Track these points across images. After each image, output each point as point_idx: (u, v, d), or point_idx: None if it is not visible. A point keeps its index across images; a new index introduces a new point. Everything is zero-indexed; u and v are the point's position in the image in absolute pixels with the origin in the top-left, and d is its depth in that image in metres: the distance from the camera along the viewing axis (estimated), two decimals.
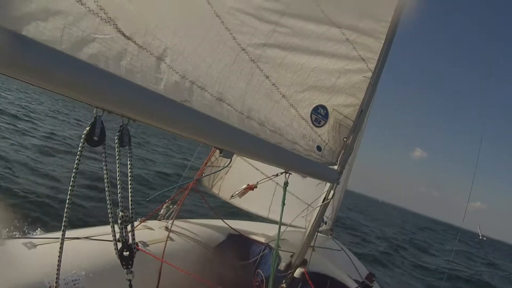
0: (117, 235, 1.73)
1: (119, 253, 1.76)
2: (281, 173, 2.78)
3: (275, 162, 2.55)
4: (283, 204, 2.82)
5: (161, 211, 3.94)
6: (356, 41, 2.96)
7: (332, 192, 3.29)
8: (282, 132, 2.61)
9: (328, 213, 5.96)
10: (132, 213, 1.76)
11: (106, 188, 1.69)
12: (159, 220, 3.89)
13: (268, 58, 2.48)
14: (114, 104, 1.53)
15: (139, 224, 3.50)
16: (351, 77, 2.97)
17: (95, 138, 1.51)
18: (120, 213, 1.71)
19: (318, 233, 5.74)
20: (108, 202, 1.72)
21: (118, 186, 1.69)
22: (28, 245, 2.61)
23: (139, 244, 2.95)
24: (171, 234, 3.60)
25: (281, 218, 2.85)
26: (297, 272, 3.52)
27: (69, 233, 2.87)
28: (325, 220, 5.92)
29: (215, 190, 4.90)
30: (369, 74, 3.05)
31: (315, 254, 3.78)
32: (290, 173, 2.75)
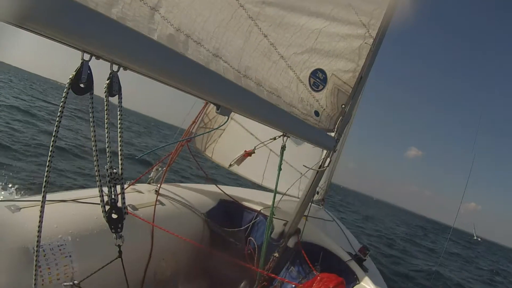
0: (105, 197, 1.62)
1: (107, 215, 1.65)
2: (279, 136, 2.71)
3: (273, 123, 2.46)
4: (280, 169, 2.76)
5: (151, 174, 3.84)
6: (359, 6, 2.87)
7: (328, 160, 3.22)
8: (280, 93, 2.55)
9: (321, 183, 5.93)
10: (121, 171, 1.64)
11: (93, 144, 1.57)
12: (149, 183, 3.80)
13: (267, 17, 2.39)
14: (104, 48, 1.41)
15: (127, 187, 3.39)
16: (352, 42, 2.88)
17: (82, 85, 1.39)
18: (108, 170, 1.59)
19: (312, 203, 5.75)
20: (95, 159, 1.58)
21: (107, 141, 1.57)
22: (12, 208, 2.48)
23: (128, 207, 2.89)
24: (161, 198, 3.50)
25: (277, 184, 2.80)
26: (290, 241, 3.48)
27: (55, 196, 2.76)
28: (317, 190, 5.90)
29: (208, 153, 4.80)
30: (370, 41, 2.97)
31: (308, 223, 3.74)
32: (288, 137, 2.68)
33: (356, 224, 23.81)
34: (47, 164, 1.48)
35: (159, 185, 3.61)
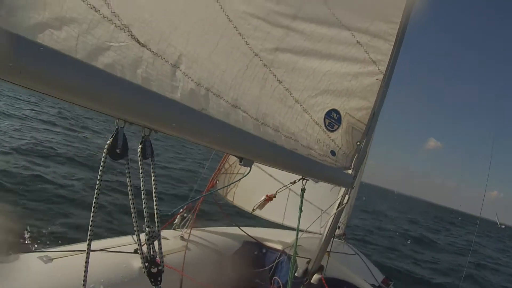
0: (144, 251, 1.69)
1: (147, 270, 1.70)
2: (299, 180, 2.73)
3: (292, 168, 2.51)
4: (301, 210, 2.77)
5: (176, 221, 3.86)
6: (367, 43, 2.94)
7: (347, 197, 3.24)
8: (297, 137, 2.58)
9: (341, 217, 5.92)
10: (158, 227, 1.71)
11: (131, 202, 1.64)
12: (174, 229, 3.82)
13: (281, 63, 2.44)
14: (136, 115, 1.49)
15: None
16: (363, 80, 2.94)
17: (118, 150, 1.47)
18: (147, 229, 1.65)
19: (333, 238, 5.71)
20: (133, 216, 1.67)
21: (143, 201, 1.63)
22: (44, 258, 2.54)
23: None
24: (187, 244, 3.51)
25: (298, 225, 2.81)
26: (314, 278, 3.50)
27: (84, 246, 2.81)
28: (338, 225, 5.88)
29: (229, 198, 4.84)
30: (381, 77, 3.03)
31: (331, 259, 3.74)
32: (307, 179, 2.70)
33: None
34: (91, 218, 1.58)
35: (185, 231, 3.66)
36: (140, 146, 1.60)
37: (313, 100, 2.67)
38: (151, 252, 1.68)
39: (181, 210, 3.87)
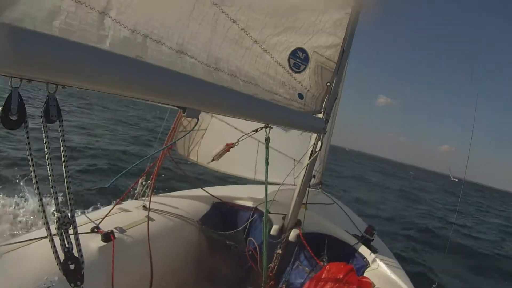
0: (58, 245, 1.42)
1: (63, 267, 1.43)
2: (261, 128, 2.57)
3: (252, 116, 2.30)
4: (267, 163, 2.64)
5: (136, 189, 3.64)
6: None
7: (319, 143, 3.11)
8: (258, 81, 2.42)
9: (316, 165, 5.83)
10: (72, 210, 1.44)
11: (35, 184, 1.36)
12: (136, 199, 3.60)
13: (233, 0, 2.24)
14: (33, 68, 1.20)
15: (113, 208, 3.14)
16: (332, 14, 2.73)
17: (13, 117, 1.21)
18: (56, 214, 1.39)
19: (310, 188, 5.67)
20: (39, 202, 1.36)
21: (50, 179, 1.39)
22: None
23: (114, 231, 2.73)
24: (151, 213, 3.28)
25: (266, 178, 2.69)
26: (292, 235, 3.40)
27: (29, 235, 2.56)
28: (313, 174, 5.80)
29: (192, 157, 4.65)
30: (349, 10, 2.81)
31: (308, 212, 3.65)
32: (270, 127, 2.53)
33: None
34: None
35: (147, 200, 3.42)
36: (43, 107, 1.33)
37: (275, 39, 2.48)
38: (66, 244, 1.42)
39: (140, 176, 3.65)
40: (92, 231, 2.65)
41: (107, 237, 2.60)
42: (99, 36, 1.64)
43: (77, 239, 1.47)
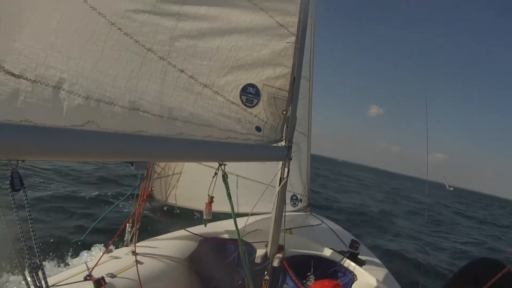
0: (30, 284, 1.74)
1: None
2: (217, 168, 2.83)
3: (205, 158, 2.62)
4: (229, 197, 2.91)
5: (125, 237, 3.90)
6: (271, 7, 3.04)
7: (286, 170, 3.39)
8: (212, 123, 2.72)
9: (300, 189, 6.17)
10: (39, 258, 1.76)
11: (21, 237, 1.69)
12: (126, 245, 3.87)
13: (179, 51, 2.58)
14: None
15: (102, 256, 3.43)
16: (274, 46, 3.06)
17: None
18: (27, 261, 1.72)
19: (297, 212, 5.92)
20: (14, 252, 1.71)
21: (21, 235, 1.69)
22: None
23: (105, 277, 3.00)
24: (139, 258, 3.55)
25: (233, 211, 2.96)
26: (275, 261, 3.64)
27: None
28: (299, 198, 6.16)
29: (171, 201, 4.95)
30: (293, 39, 3.14)
31: (295, 236, 3.90)
32: (225, 164, 2.81)
33: None
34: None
35: (133, 245, 3.67)
36: (9, 180, 1.63)
37: (223, 80, 2.80)
38: (37, 284, 1.75)
39: (124, 223, 3.90)
40: (85, 279, 2.97)
41: (99, 283, 2.91)
42: (55, 109, 1.95)
43: (45, 280, 1.77)
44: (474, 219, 31.63)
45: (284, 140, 3.25)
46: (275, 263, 3.64)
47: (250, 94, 2.95)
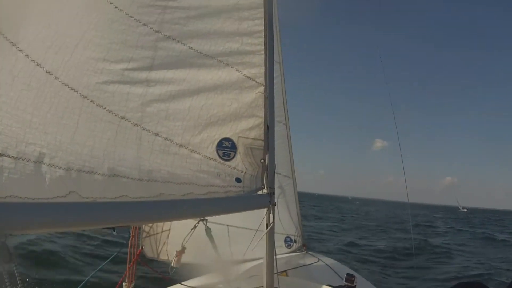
0: None
1: None
2: (198, 223, 3.04)
3: (185, 216, 2.79)
4: (216, 249, 3.09)
5: None
6: (236, 62, 3.32)
7: (271, 215, 3.56)
8: (192, 180, 2.93)
9: (293, 230, 6.39)
10: None
11: None
12: None
13: (151, 116, 2.82)
14: None
15: None
16: (244, 99, 3.31)
17: None
18: None
19: (293, 253, 6.09)
20: None
21: None
22: None
23: None
24: None
25: (221, 261, 3.13)
26: None
27: None
28: (293, 239, 6.37)
29: (163, 257, 5.11)
30: (261, 89, 3.39)
31: (290, 277, 4.05)
32: (206, 219, 3.00)
33: None
34: None
35: None
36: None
37: (198, 138, 3.03)
38: None
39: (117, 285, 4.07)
40: None
41: None
42: (38, 182, 2.17)
43: None
44: None
45: (265, 188, 3.44)
46: None
47: (226, 148, 3.17)
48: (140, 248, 4.41)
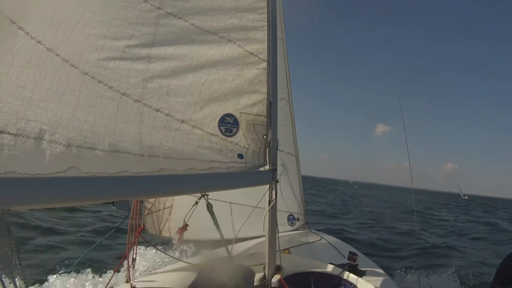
0: None
1: None
2: (199, 199, 3.14)
3: (188, 191, 2.92)
4: (217, 225, 3.19)
5: (125, 274, 4.17)
6: (238, 38, 3.40)
7: (274, 192, 3.67)
8: (193, 156, 3.02)
9: (296, 208, 6.53)
10: None
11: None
12: (127, 281, 4.08)
13: (152, 92, 2.91)
14: None
15: None
16: (246, 75, 3.39)
17: None
18: None
19: (296, 231, 6.25)
20: None
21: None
22: None
23: None
24: None
25: (222, 238, 3.23)
26: (274, 281, 3.92)
27: None
28: (296, 217, 6.54)
29: (165, 234, 5.26)
30: (264, 65, 3.47)
31: (292, 255, 4.18)
32: (207, 195, 3.11)
33: None
34: None
35: (135, 281, 3.94)
36: None
37: (200, 114, 3.12)
38: None
39: (120, 261, 4.19)
40: None
41: None
42: (38, 158, 2.28)
43: None
44: None
45: (268, 164, 3.55)
46: (274, 284, 3.91)
47: (228, 124, 3.27)
48: (142, 225, 4.52)
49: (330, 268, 4.11)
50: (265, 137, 3.47)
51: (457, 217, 35.52)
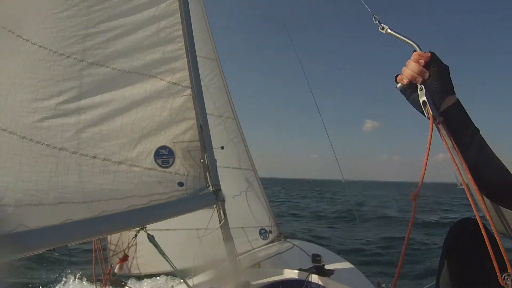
0: None
1: None
2: (138, 231, 3.58)
3: (125, 227, 3.36)
4: (164, 255, 3.63)
5: None
6: (159, 71, 3.89)
7: (221, 211, 4.07)
8: (134, 193, 3.53)
9: (266, 221, 7.00)
10: None
11: None
12: None
13: (87, 141, 3.41)
14: None
15: None
16: (173, 105, 3.90)
17: None
18: None
19: (270, 244, 6.76)
20: None
21: None
22: None
23: None
24: None
25: (175, 269, 3.70)
26: None
27: None
28: (268, 230, 6.98)
29: (134, 271, 5.66)
30: (189, 91, 3.97)
31: (261, 268, 4.65)
32: (145, 227, 3.51)
33: None
34: None
35: None
36: None
37: (135, 152, 3.62)
38: None
39: None
40: None
41: None
42: None
43: None
44: None
45: (210, 186, 4.02)
46: None
47: (164, 155, 3.77)
48: (110, 267, 4.90)
49: (297, 274, 4.57)
50: (202, 160, 3.96)
51: None
